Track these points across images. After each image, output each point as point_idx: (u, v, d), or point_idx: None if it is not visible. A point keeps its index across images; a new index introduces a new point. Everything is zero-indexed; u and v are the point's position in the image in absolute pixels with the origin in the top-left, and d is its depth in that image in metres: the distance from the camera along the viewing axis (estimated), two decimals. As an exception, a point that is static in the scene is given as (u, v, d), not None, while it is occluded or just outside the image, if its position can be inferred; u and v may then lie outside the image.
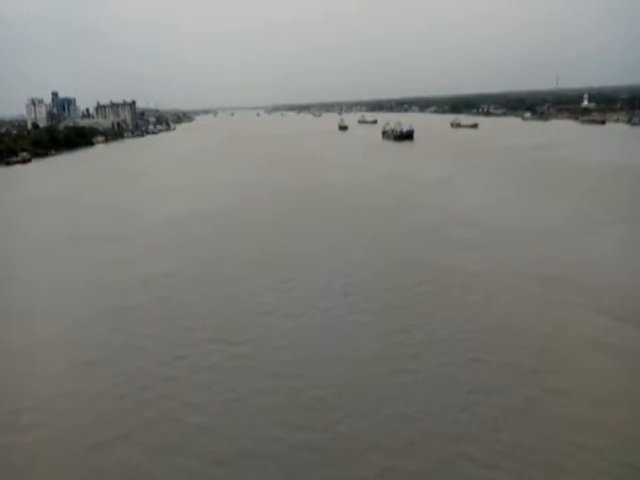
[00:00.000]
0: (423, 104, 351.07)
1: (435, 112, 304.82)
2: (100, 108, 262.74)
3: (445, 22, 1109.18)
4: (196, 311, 30.58)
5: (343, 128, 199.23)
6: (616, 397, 20.57)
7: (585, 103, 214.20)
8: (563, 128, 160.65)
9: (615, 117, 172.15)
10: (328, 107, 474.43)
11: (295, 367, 23.68)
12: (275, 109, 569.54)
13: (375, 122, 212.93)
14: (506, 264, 35.90)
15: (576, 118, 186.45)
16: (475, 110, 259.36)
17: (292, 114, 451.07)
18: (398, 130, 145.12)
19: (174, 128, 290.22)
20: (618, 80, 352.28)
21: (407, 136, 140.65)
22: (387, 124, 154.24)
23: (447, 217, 49.96)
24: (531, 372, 22.30)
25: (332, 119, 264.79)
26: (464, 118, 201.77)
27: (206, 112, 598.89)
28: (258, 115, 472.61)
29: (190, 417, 20.48)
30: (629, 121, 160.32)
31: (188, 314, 30.20)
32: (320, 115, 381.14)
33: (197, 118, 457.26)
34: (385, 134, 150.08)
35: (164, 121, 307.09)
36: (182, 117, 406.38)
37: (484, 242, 41.44)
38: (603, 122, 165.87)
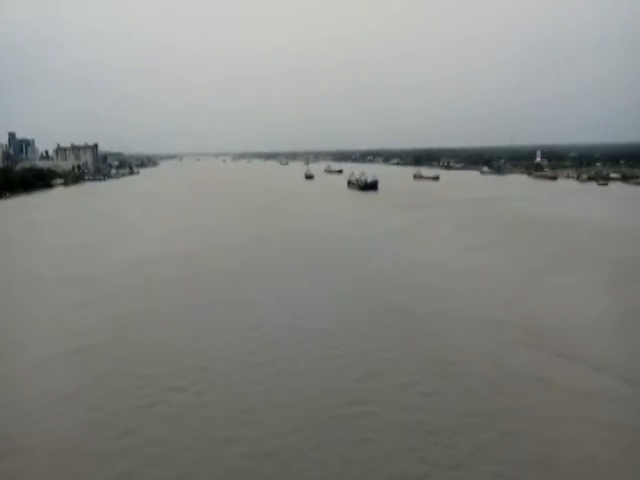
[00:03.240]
0: (387, 155, 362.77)
1: (398, 164, 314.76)
2: (60, 150, 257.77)
3: (409, 83, 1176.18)
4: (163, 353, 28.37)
5: (309, 177, 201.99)
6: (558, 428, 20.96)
7: (538, 159, 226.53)
8: (518, 182, 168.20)
9: (565, 174, 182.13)
10: (295, 156, 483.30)
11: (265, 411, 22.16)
12: (242, 156, 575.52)
13: (341, 172, 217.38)
14: (454, 307, 37.45)
15: (530, 173, 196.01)
16: (436, 163, 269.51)
17: (259, 161, 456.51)
18: (363, 180, 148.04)
19: (138, 172, 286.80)
20: (567, 139, 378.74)
21: (372, 186, 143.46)
22: (352, 174, 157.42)
23: (405, 264, 51.69)
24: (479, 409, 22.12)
25: (299, 168, 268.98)
26: (426, 170, 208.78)
27: (171, 157, 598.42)
28: (224, 161, 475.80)
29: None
30: (578, 178, 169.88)
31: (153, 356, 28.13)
32: (287, 164, 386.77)
33: (162, 163, 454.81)
34: (350, 184, 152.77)
35: (127, 165, 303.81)
36: (146, 161, 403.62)
37: (435, 286, 43.59)
38: (554, 178, 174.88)
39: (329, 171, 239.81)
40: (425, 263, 52.25)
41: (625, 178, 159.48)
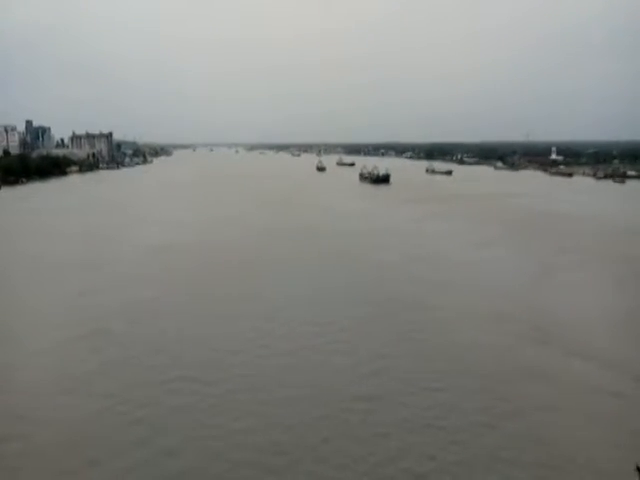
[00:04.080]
0: (400, 149, 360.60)
1: (411, 158, 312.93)
2: (75, 138, 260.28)
3: (423, 77, 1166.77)
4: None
5: (321, 169, 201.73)
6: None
7: (553, 156, 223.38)
8: (533, 178, 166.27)
9: (581, 171, 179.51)
10: (307, 148, 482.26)
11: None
12: (254, 147, 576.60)
13: (353, 165, 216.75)
14: (463, 300, 37.61)
15: (545, 170, 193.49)
16: (449, 158, 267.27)
17: (271, 153, 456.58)
18: (375, 173, 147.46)
19: (151, 161, 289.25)
20: (584, 136, 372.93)
21: (384, 180, 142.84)
22: (364, 167, 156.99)
23: (416, 258, 52.14)
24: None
25: (310, 160, 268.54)
26: (439, 165, 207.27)
27: (185, 147, 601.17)
28: (237, 152, 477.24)
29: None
30: (594, 175, 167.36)
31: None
32: (299, 155, 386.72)
33: (175, 152, 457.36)
34: (362, 177, 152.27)
35: (141, 154, 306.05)
36: (160, 151, 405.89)
37: (446, 280, 43.94)
38: (570, 175, 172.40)
39: (341, 164, 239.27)
40: (435, 257, 52.22)
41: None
